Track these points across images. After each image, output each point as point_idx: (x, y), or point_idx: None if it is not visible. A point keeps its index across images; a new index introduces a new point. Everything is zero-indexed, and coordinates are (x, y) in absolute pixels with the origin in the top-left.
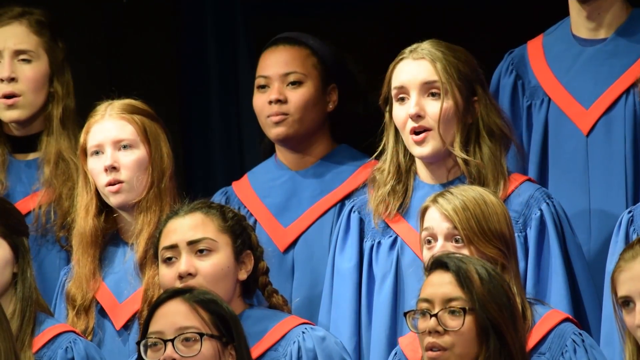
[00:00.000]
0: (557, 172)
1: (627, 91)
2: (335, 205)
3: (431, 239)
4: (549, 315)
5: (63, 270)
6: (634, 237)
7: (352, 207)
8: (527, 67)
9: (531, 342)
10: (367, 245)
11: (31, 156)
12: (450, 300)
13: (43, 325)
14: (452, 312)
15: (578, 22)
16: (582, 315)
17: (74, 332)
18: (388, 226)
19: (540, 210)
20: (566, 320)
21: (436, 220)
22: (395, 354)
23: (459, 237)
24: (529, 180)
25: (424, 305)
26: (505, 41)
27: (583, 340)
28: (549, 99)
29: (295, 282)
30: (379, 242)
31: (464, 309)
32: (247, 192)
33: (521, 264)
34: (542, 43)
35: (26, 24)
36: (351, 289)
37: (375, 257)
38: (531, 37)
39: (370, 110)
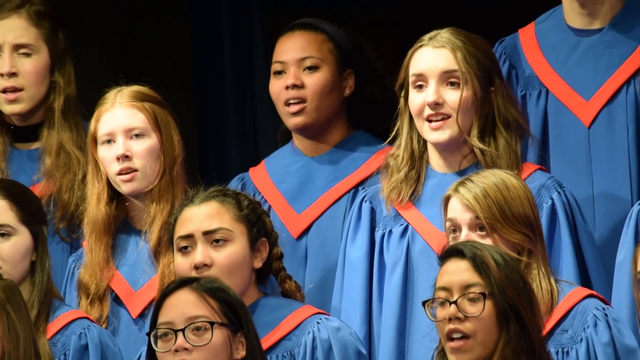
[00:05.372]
0: (559, 163)
1: (627, 81)
2: (348, 191)
3: (456, 228)
4: (573, 292)
5: (72, 257)
6: None
7: (364, 197)
8: (520, 56)
9: (553, 319)
10: (378, 234)
11: (32, 146)
12: (468, 286)
13: (57, 312)
14: (472, 299)
15: (571, 12)
16: None
17: (88, 318)
18: (399, 214)
19: (552, 199)
20: (590, 296)
21: (458, 211)
22: None
23: (482, 225)
24: (541, 169)
25: (442, 293)
26: (493, 30)
27: (606, 315)
28: (547, 90)
29: (308, 269)
30: (390, 231)
31: (483, 294)
32: (263, 177)
33: None
34: (535, 32)
35: (25, 16)
36: (361, 278)
37: (386, 245)
38: (516, 26)
39: (388, 95)
